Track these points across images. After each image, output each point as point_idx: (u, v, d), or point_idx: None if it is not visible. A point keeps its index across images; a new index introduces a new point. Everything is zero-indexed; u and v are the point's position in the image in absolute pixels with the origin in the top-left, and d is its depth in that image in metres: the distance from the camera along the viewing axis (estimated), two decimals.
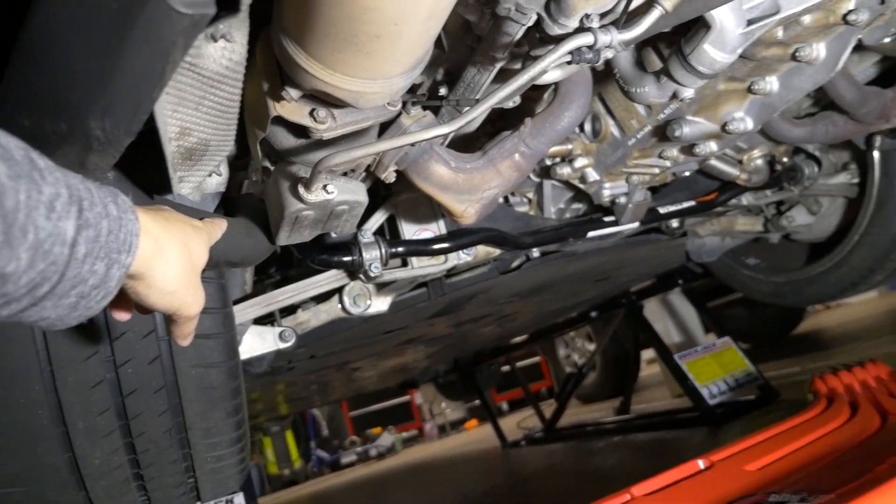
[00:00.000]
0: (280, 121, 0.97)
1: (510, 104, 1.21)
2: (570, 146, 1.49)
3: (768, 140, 1.68)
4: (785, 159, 1.82)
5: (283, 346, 1.62)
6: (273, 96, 0.95)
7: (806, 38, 1.10)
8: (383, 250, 1.41)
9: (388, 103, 0.99)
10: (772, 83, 1.23)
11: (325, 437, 8.20)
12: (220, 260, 1.07)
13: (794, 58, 1.14)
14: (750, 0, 0.97)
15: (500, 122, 1.41)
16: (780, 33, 1.09)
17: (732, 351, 2.98)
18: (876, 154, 1.92)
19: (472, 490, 3.48)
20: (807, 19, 1.06)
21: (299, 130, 1.01)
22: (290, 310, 1.73)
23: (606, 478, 2.60)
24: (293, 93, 0.93)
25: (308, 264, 1.45)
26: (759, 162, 1.74)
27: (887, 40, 1.14)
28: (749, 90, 1.25)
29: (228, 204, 1.26)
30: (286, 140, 1.04)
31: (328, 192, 0.99)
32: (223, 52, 0.76)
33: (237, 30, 0.75)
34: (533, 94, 1.29)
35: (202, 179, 0.99)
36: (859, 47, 1.27)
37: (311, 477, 7.64)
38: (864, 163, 2.01)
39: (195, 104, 0.80)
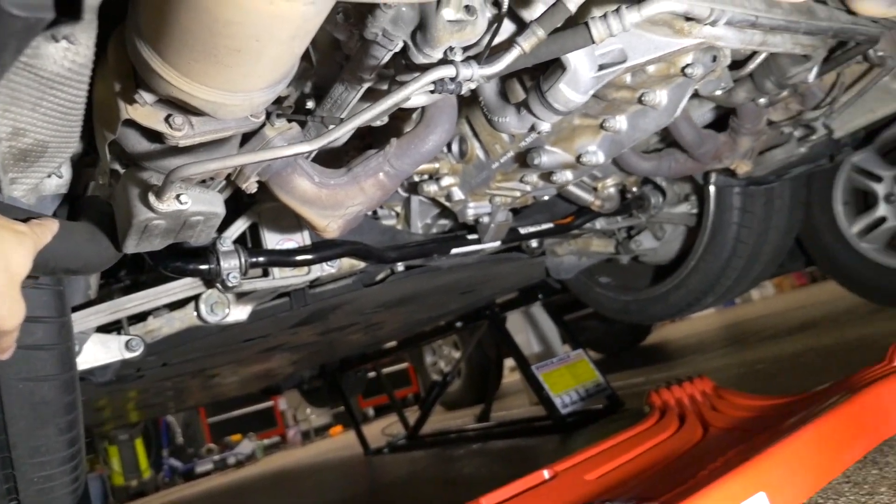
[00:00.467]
0: (132, 124, 0.92)
1: (378, 122, 1.22)
2: (437, 165, 1.53)
3: (620, 171, 1.81)
4: (634, 189, 1.97)
5: (129, 356, 1.53)
6: (125, 98, 0.90)
7: (650, 85, 1.21)
8: (243, 259, 1.37)
9: (251, 115, 0.97)
10: (621, 122, 1.33)
11: (180, 444, 7.76)
12: (57, 266, 1.00)
13: (640, 101, 1.25)
14: (601, 48, 1.04)
15: (369, 137, 1.42)
16: (628, 79, 1.19)
17: (584, 363, 3.17)
18: (712, 189, 2.13)
19: (332, 498, 3.45)
20: (651, 69, 1.16)
21: (153, 135, 0.96)
22: (140, 316, 1.63)
23: (465, 484, 2.67)
24: (147, 97, 0.89)
25: (161, 271, 1.38)
26: (612, 190, 1.87)
27: (718, 92, 1.27)
28: (601, 127, 1.35)
29: (73, 206, 1.18)
30: (138, 144, 0.99)
31: (181, 203, 0.96)
32: (65, 53, 0.71)
33: (82, 32, 0.71)
34: (401, 113, 1.31)
35: (39, 181, 0.92)
36: (697, 95, 1.40)
37: (162, 487, 7.21)
38: (702, 196, 2.22)
39: (32, 105, 0.74)
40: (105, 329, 1.56)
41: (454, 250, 1.69)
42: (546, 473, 1.61)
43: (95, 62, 0.85)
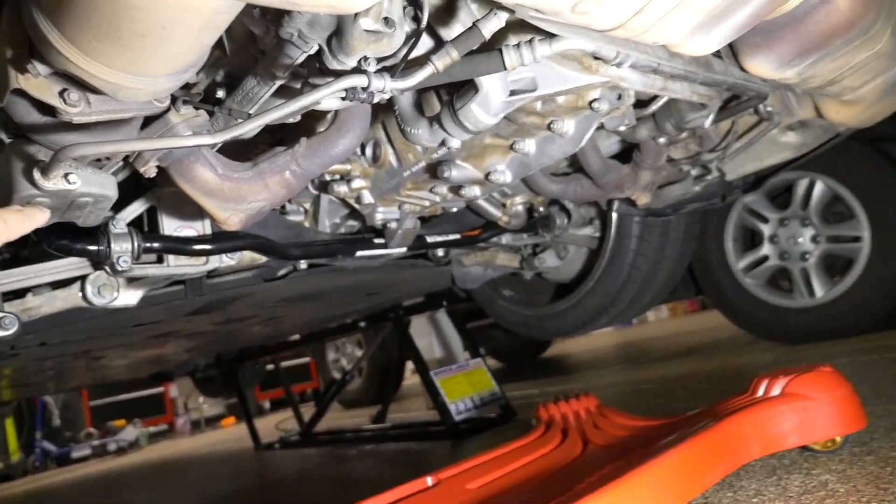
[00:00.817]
0: (23, 94, 0.87)
1: (290, 120, 1.21)
2: (349, 167, 1.53)
3: (529, 190, 1.87)
4: (542, 208, 2.04)
5: (1, 334, 1.44)
6: (17, 67, 0.85)
7: (559, 114, 1.26)
8: (136, 244, 1.32)
9: (154, 99, 0.94)
10: (530, 146, 1.38)
11: (56, 427, 7.30)
12: None
13: (549, 128, 1.30)
14: (514, 75, 1.08)
15: (280, 133, 1.40)
16: (538, 106, 1.23)
17: (482, 371, 3.23)
18: (614, 216, 2.23)
19: (215, 492, 3.35)
20: (560, 100, 1.21)
21: (46, 107, 0.92)
22: (18, 293, 1.53)
23: (353, 485, 2.66)
24: (42, 69, 0.84)
25: (45, 248, 1.31)
26: (520, 208, 1.93)
27: (622, 128, 1.34)
28: (511, 148, 1.39)
29: None
30: (28, 115, 0.94)
31: (69, 182, 0.91)
32: None
33: None
34: (315, 113, 1.30)
35: None
36: (604, 128, 1.47)
37: (32, 472, 6.76)
38: (605, 221, 2.32)
39: None
40: None
41: (360, 252, 1.69)
42: (429, 480, 1.64)
43: None
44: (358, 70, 0.91)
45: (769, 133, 1.76)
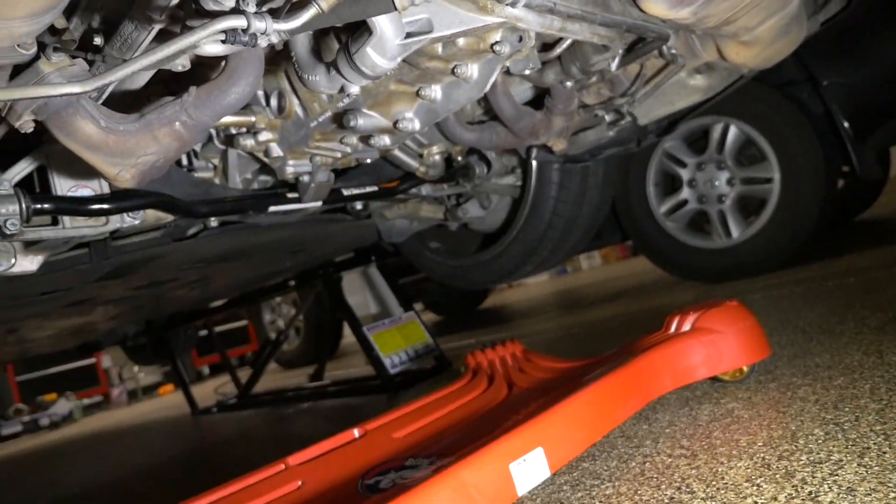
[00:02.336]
0: None
1: (180, 68, 1.15)
2: (253, 118, 1.48)
3: (446, 139, 1.86)
4: (460, 158, 2.03)
5: None
6: None
7: (461, 58, 1.24)
8: (24, 205, 1.25)
9: (18, 45, 0.87)
10: (436, 91, 1.36)
11: None
12: None
13: (453, 73, 1.28)
14: (408, 15, 1.05)
15: (174, 84, 1.33)
16: (439, 50, 1.21)
17: (415, 325, 3.26)
18: (534, 163, 2.25)
19: (152, 459, 3.31)
20: (461, 42, 1.19)
21: None
22: None
23: (291, 442, 2.66)
24: None
25: None
26: (437, 158, 1.92)
27: (528, 72, 1.33)
28: (417, 94, 1.37)
29: None
30: None
31: None
32: None
33: None
34: (209, 60, 1.24)
35: None
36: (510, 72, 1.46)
37: None
38: (526, 169, 2.33)
39: None
40: None
41: (272, 208, 1.65)
42: (356, 432, 1.65)
43: None
44: (236, 10, 0.87)
45: (677, 76, 1.78)
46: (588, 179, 2.31)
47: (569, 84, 1.57)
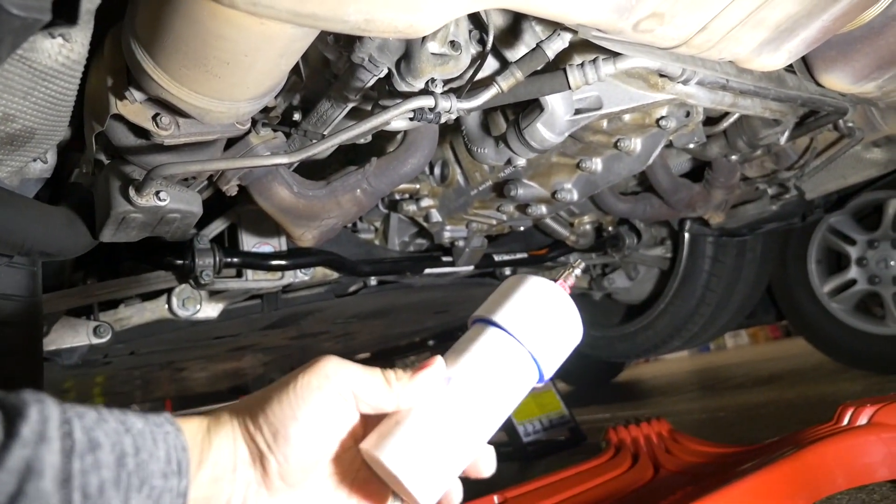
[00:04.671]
0: (120, 118, 0.96)
1: (362, 140, 1.26)
2: (418, 186, 1.57)
3: (598, 209, 1.86)
4: (610, 228, 2.02)
5: (96, 341, 1.55)
6: (116, 94, 0.93)
7: (626, 132, 1.26)
8: (218, 258, 1.40)
9: (237, 122, 1.01)
10: (597, 164, 1.38)
11: None
12: (33, 248, 1.03)
13: (615, 146, 1.30)
14: (579, 93, 1.09)
15: (352, 153, 1.46)
16: (604, 125, 1.24)
17: (551, 393, 3.19)
18: (686, 236, 2.19)
19: None
20: (627, 118, 1.21)
21: (140, 131, 1.00)
22: (111, 303, 1.65)
23: None
24: (137, 95, 0.92)
25: (136, 262, 1.41)
26: (588, 227, 1.92)
27: (692, 146, 1.32)
28: (578, 166, 1.40)
29: (56, 191, 1.20)
30: (125, 138, 1.02)
31: (160, 199, 0.99)
32: (60, 49, 0.75)
33: (78, 31, 0.75)
34: (386, 133, 1.35)
35: (23, 165, 0.95)
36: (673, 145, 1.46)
37: None
38: (677, 241, 2.27)
39: (23, 94, 0.77)
40: (75, 313, 1.58)
41: (427, 270, 1.73)
42: (496, 499, 1.64)
43: (91, 55, 0.89)
44: (425, 91, 0.95)
45: (852, 150, 1.69)
46: (745, 254, 2.21)
47: (733, 158, 1.54)
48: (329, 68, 1.06)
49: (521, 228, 1.78)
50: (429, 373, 0.61)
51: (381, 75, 0.96)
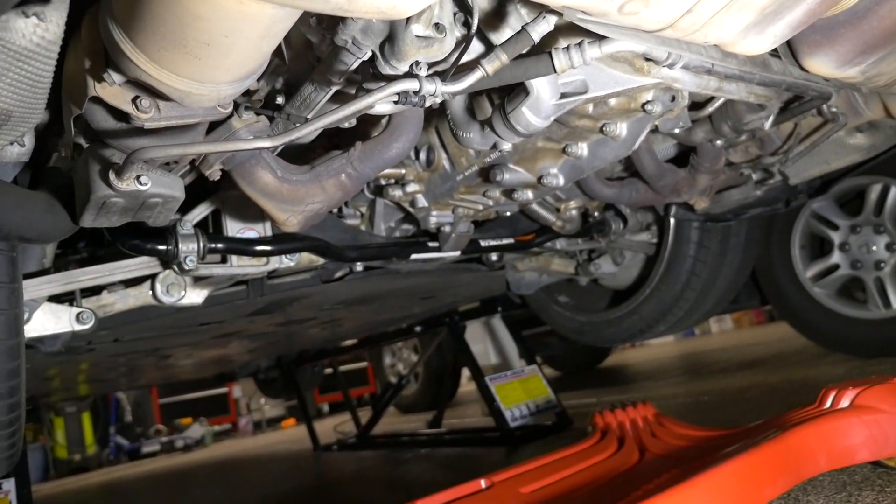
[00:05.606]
0: (99, 101, 0.94)
1: (346, 125, 1.25)
2: (403, 171, 1.56)
3: (584, 194, 1.86)
4: (596, 213, 2.02)
5: (79, 328, 1.53)
6: (94, 76, 0.92)
7: (611, 117, 1.26)
8: (201, 244, 1.39)
9: (219, 105, 0.99)
10: (582, 149, 1.38)
11: (128, 423, 7.65)
12: (11, 233, 1.01)
13: (601, 131, 1.29)
14: (564, 77, 1.09)
15: (337, 138, 1.44)
16: (590, 109, 1.23)
17: (537, 378, 3.21)
18: (672, 221, 2.19)
19: (273, 490, 3.44)
20: (612, 102, 1.21)
21: (120, 114, 0.98)
22: (94, 290, 1.63)
23: (408, 487, 2.69)
24: (116, 77, 0.90)
25: (119, 247, 1.39)
26: (574, 212, 1.92)
27: (677, 130, 1.32)
28: (563, 151, 1.40)
29: (34, 175, 1.19)
30: (104, 121, 1.01)
31: (141, 184, 0.97)
32: (35, 28, 0.73)
33: (53, 10, 0.73)
34: (370, 117, 1.34)
35: (0, 148, 0.93)
36: (659, 130, 1.46)
37: (106, 465, 7.10)
38: (662, 226, 2.28)
39: None
40: (57, 299, 1.56)
41: (414, 256, 1.72)
42: (483, 483, 1.64)
43: (68, 37, 0.87)
44: (410, 75, 0.94)
45: (835, 135, 1.70)
46: (729, 239, 2.22)
47: (718, 143, 1.54)
48: (312, 51, 1.05)
49: (508, 214, 1.78)
50: None
51: (365, 58, 0.95)
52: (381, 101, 0.93)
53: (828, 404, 1.47)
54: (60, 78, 0.96)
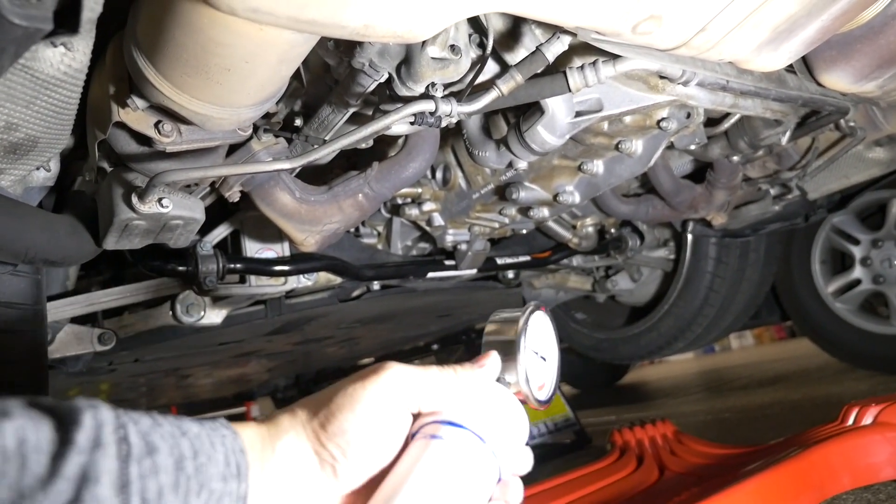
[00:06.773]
0: (123, 126, 0.96)
1: (363, 145, 1.27)
2: (419, 190, 1.57)
3: (600, 211, 1.86)
4: (613, 230, 2.02)
5: (101, 348, 1.55)
6: (118, 101, 0.94)
7: (627, 134, 1.26)
8: (221, 264, 1.40)
9: (238, 128, 1.01)
10: (598, 166, 1.38)
11: None
12: (36, 256, 1.03)
13: (617, 148, 1.30)
14: (579, 96, 1.09)
15: (354, 158, 1.46)
16: (605, 127, 1.24)
17: (556, 397, 3.19)
18: (689, 237, 2.18)
19: None
20: (628, 119, 1.21)
21: (142, 138, 1.00)
22: (115, 310, 1.66)
23: None
24: (139, 102, 0.93)
25: (140, 269, 1.41)
26: (590, 229, 1.92)
27: (693, 147, 1.32)
28: (579, 169, 1.40)
29: (59, 199, 1.21)
30: (127, 146, 1.03)
31: (162, 206, 0.99)
32: (62, 58, 0.75)
33: (80, 40, 0.75)
34: (387, 138, 1.35)
35: (27, 173, 0.95)
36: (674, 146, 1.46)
37: None
38: (680, 243, 2.27)
39: (26, 102, 0.78)
40: (80, 321, 1.58)
41: (430, 274, 1.73)
42: None
43: (93, 64, 0.90)
44: (426, 96, 0.95)
45: (854, 149, 1.68)
46: (748, 255, 2.20)
47: (734, 158, 1.54)
48: (330, 74, 1.07)
49: (524, 231, 1.78)
50: (489, 361, 0.67)
51: (382, 80, 0.96)
52: (397, 122, 0.94)
53: (850, 421, 1.45)
54: (85, 104, 0.99)
